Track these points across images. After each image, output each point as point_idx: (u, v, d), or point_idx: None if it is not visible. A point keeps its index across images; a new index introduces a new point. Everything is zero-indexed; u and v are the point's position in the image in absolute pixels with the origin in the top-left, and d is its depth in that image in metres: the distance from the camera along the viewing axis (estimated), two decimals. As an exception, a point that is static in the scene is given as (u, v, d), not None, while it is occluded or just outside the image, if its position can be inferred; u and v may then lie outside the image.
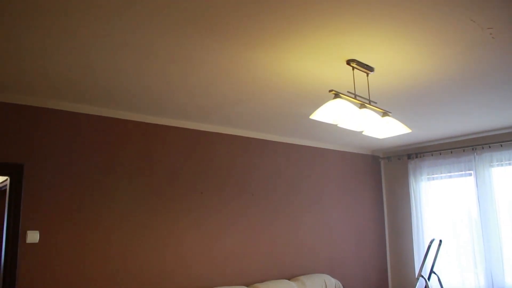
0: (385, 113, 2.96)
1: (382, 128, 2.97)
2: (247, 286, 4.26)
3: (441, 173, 5.68)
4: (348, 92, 2.80)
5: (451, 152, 5.56)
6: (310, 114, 3.74)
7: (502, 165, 5.14)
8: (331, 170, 5.64)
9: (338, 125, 2.80)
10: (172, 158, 4.10)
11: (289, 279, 4.72)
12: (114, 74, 2.95)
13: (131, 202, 3.78)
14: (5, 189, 4.39)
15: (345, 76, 3.01)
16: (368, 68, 2.87)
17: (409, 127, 4.06)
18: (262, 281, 4.52)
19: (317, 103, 3.61)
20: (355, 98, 2.76)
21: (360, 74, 2.95)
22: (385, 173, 6.40)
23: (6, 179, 3.99)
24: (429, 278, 5.25)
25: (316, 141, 5.44)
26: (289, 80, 3.14)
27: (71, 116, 3.57)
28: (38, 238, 3.27)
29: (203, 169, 4.30)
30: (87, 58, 2.65)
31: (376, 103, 3.13)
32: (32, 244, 3.24)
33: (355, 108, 2.66)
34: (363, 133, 3.06)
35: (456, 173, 5.53)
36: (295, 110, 3.93)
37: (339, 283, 4.94)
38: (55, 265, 3.33)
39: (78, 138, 3.58)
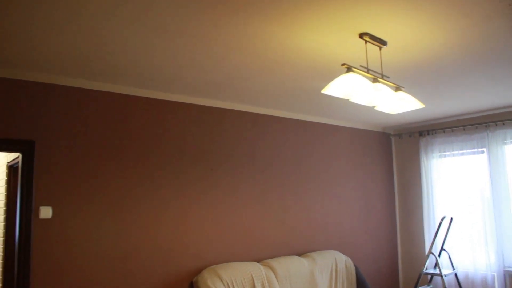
0: (398, 88, 2.91)
1: (395, 103, 2.92)
2: (257, 262, 4.29)
3: (453, 151, 5.61)
4: (361, 66, 2.75)
5: (464, 129, 5.49)
6: (322, 89, 3.70)
7: (515, 142, 5.07)
8: (341, 147, 5.61)
9: (350, 100, 2.76)
10: (181, 134, 4.09)
11: (299, 255, 4.74)
12: (123, 50, 2.91)
13: (141, 178, 3.80)
14: (17, 166, 4.44)
15: (358, 50, 2.94)
16: (381, 42, 2.81)
17: (422, 103, 4.00)
18: (272, 257, 4.55)
19: (328, 78, 3.56)
20: (367, 72, 2.71)
21: (373, 48, 2.89)
22: (396, 150, 6.36)
23: (18, 156, 4.03)
24: (439, 255, 5.26)
25: (326, 118, 5.39)
26: (300, 55, 3.08)
27: (81, 93, 3.56)
28: (51, 213, 3.30)
29: (212, 145, 4.30)
30: (97, 34, 2.62)
31: (389, 77, 3.08)
32: (45, 220, 3.28)
33: (367, 83, 2.61)
34: (375, 108, 3.01)
35: (469, 151, 5.47)
36: (306, 85, 3.88)
37: (349, 259, 4.96)
38: (68, 240, 3.37)
39: (88, 115, 3.58)
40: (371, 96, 2.71)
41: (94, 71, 3.34)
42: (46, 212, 3.28)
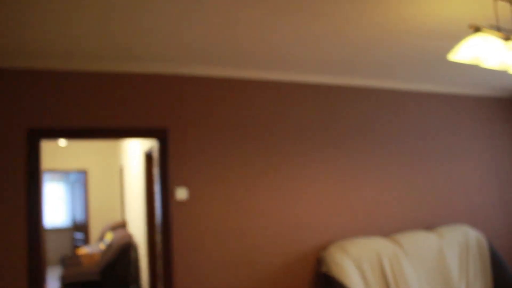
0: (535, 46, 2.63)
1: (533, 63, 2.65)
2: (383, 237, 4.23)
3: None
4: (490, 25, 2.54)
5: None
6: (445, 55, 3.50)
7: None
8: (466, 117, 5.22)
9: (480, 65, 2.57)
10: (300, 112, 4.16)
11: (426, 230, 4.56)
12: (244, 33, 3.02)
13: (266, 158, 3.96)
14: (151, 154, 4.89)
15: (485, 9, 2.72)
16: (513, -3, 2.56)
17: None
18: (398, 231, 4.46)
19: (453, 43, 3.33)
20: (498, 31, 2.49)
21: (502, 5, 2.65)
22: (531, 116, 5.73)
23: (153, 146, 4.45)
24: None
25: (448, 86, 5.05)
26: (422, 21, 2.92)
27: (206, 81, 3.81)
28: (186, 194, 3.62)
29: (332, 121, 4.29)
30: (219, 21, 2.77)
31: (523, 35, 2.79)
32: (181, 200, 3.61)
33: (499, 43, 2.40)
34: (510, 71, 2.76)
35: None
36: (428, 53, 3.65)
37: (481, 235, 4.64)
38: (203, 218, 3.67)
39: (214, 101, 3.82)
40: (504, 58, 2.49)
41: (217, 57, 3.52)
42: (181, 193, 3.60)
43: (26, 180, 3.24)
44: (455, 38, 3.27)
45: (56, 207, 9.94)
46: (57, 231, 9.71)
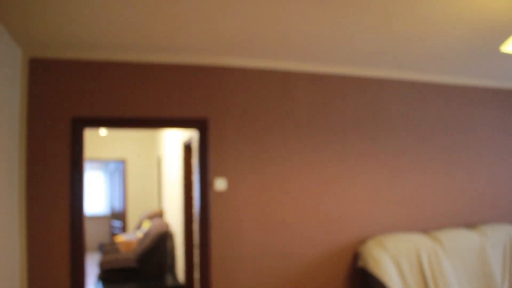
0: None
1: None
2: (423, 233, 4.12)
3: None
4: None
5: None
6: (493, 49, 3.35)
7: None
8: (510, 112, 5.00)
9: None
10: (343, 106, 4.09)
11: (467, 228, 4.41)
12: (283, 24, 2.99)
13: (304, 150, 3.93)
14: (189, 144, 4.93)
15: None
16: None
17: None
18: (438, 228, 4.34)
19: (502, 36, 3.18)
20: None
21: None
22: None
23: (191, 137, 4.48)
24: None
25: (495, 80, 4.83)
26: (469, 13, 2.80)
27: (246, 72, 3.81)
28: (225, 185, 3.63)
29: (372, 115, 4.20)
30: (255, 12, 2.74)
31: None
32: (220, 191, 3.62)
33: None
34: None
35: None
36: (477, 46, 3.50)
37: (527, 235, 4.44)
38: (241, 209, 3.70)
39: (254, 92, 3.82)
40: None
41: (259, 48, 3.50)
42: (220, 184, 3.61)
43: (69, 167, 3.32)
44: (504, 32, 3.11)
45: (96, 195, 10.22)
46: (96, 218, 9.99)
